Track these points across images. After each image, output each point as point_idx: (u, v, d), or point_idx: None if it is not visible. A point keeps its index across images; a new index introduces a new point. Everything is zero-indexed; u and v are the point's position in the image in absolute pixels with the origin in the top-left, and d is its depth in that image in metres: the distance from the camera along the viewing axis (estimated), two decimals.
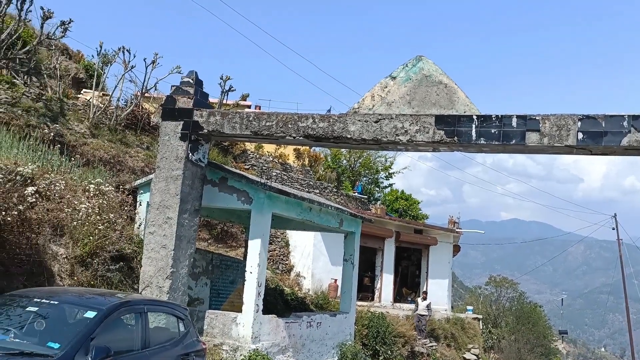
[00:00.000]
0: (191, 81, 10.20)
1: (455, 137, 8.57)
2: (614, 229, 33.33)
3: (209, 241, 16.96)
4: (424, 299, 19.38)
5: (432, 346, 19.07)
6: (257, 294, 10.38)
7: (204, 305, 13.03)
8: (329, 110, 27.51)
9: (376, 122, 9.11)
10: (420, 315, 18.97)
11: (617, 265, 33.73)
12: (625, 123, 7.82)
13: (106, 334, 5.38)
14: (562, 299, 54.42)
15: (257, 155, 22.77)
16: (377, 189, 38.24)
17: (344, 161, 37.13)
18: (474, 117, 8.55)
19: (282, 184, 18.37)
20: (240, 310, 10.40)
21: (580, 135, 8.01)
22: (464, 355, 20.82)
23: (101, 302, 5.76)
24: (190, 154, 9.86)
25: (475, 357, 20.77)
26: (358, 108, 9.40)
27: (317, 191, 23.37)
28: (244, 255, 12.91)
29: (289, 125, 9.52)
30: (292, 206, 11.56)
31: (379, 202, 31.96)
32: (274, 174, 21.87)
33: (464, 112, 8.70)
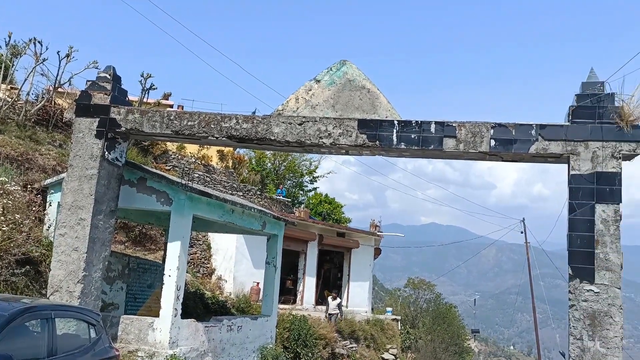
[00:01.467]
0: (108, 77, 9.79)
1: (377, 141, 8.72)
2: (522, 232, 35.14)
3: (126, 244, 16.36)
4: (334, 298, 19.72)
5: (352, 347, 19.32)
6: (175, 298, 10.10)
7: (119, 311, 12.53)
8: (254, 112, 27.30)
9: (300, 124, 9.12)
10: (330, 314, 19.31)
11: (525, 267, 35.59)
12: (533, 132, 8.26)
13: (8, 341, 5.04)
14: (474, 299, 56.82)
15: (179, 156, 22.23)
16: (301, 192, 38.38)
17: (269, 164, 37.00)
18: (395, 122, 8.74)
19: (205, 186, 18.02)
20: (157, 315, 10.08)
21: (493, 142, 8.37)
22: (383, 356, 21.23)
23: (3, 308, 5.39)
24: (107, 153, 9.46)
25: (393, 357, 21.23)
26: (282, 110, 9.38)
27: (241, 194, 23.12)
28: (163, 259, 12.54)
29: (212, 126, 9.35)
30: (214, 208, 11.36)
31: (302, 206, 32.06)
32: (197, 175, 21.41)
33: (386, 117, 8.88)
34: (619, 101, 8.03)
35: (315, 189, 38.85)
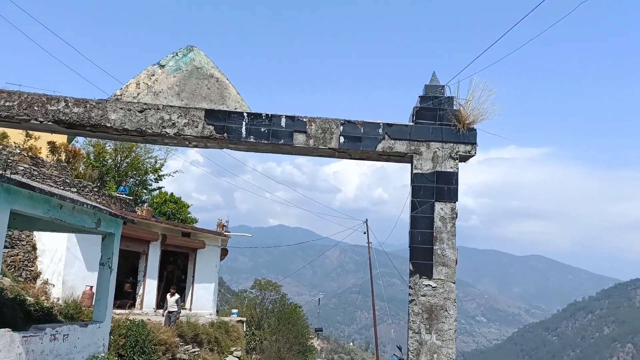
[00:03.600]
0: None
1: (225, 134, 8.28)
2: (365, 233, 36.72)
3: None
4: (173, 294, 18.87)
5: (194, 352, 18.56)
6: None
7: None
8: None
9: (141, 111, 8.37)
10: (169, 312, 18.48)
11: (366, 267, 37.25)
12: (380, 130, 8.39)
13: None
14: (319, 298, 58.44)
15: (0, 147, 19.74)
16: (145, 191, 36.47)
17: (109, 160, 34.64)
18: (245, 114, 8.37)
19: (32, 180, 16.11)
20: None
21: (342, 139, 8.36)
22: (226, 359, 20.72)
23: None
24: None
25: (237, 359, 20.81)
26: (121, 95, 8.54)
27: (75, 190, 21.14)
28: None
29: (35, 108, 8.22)
30: (37, 202, 10.06)
31: (146, 205, 30.39)
32: (21, 168, 19.15)
33: (235, 109, 8.47)
34: (457, 105, 8.45)
35: (160, 188, 37.15)
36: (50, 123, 8.29)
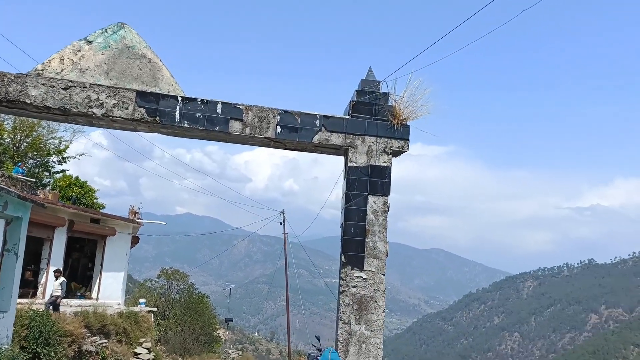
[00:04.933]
0: None
1: (158, 117, 7.96)
2: (281, 223, 36.70)
3: None
4: (57, 277, 17.99)
5: (102, 343, 17.77)
6: None
7: None
8: None
9: (65, 89, 7.85)
10: (53, 296, 17.61)
11: (274, 257, 37.39)
12: (317, 122, 8.40)
13: None
14: (230, 289, 57.91)
15: None
16: (47, 173, 34.38)
17: (8, 139, 32.35)
18: (179, 98, 8.09)
19: None
20: None
21: (279, 129, 8.30)
22: (135, 350, 20.03)
23: None
24: None
25: (146, 351, 20.17)
26: (42, 70, 7.97)
27: None
28: None
29: None
30: None
31: (49, 188, 28.60)
32: None
33: (168, 92, 8.16)
34: (392, 101, 8.65)
35: (64, 171, 35.13)
36: None
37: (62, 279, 18.05)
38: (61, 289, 17.72)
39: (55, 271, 18.42)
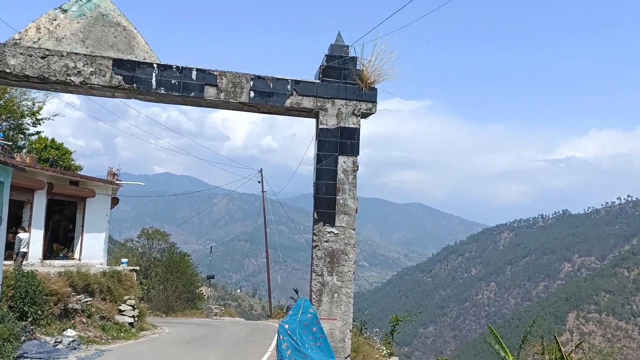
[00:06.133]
0: None
1: (135, 84, 8.26)
2: (259, 182, 37.19)
3: None
4: (23, 232, 18.37)
5: (87, 301, 18.30)
6: None
7: None
8: None
9: (43, 57, 8.09)
10: (21, 252, 17.95)
11: (255, 215, 37.99)
12: (289, 86, 8.79)
13: None
14: (211, 247, 58.68)
15: None
16: (22, 136, 34.08)
17: None
18: (155, 65, 8.38)
19: None
20: None
21: (252, 94, 8.67)
22: (119, 307, 20.63)
23: None
24: None
25: (130, 308, 20.79)
26: (20, 39, 8.17)
27: None
28: None
29: None
30: None
31: (24, 151, 28.51)
32: None
33: (144, 59, 8.44)
34: (360, 65, 9.04)
35: (39, 132, 34.82)
36: None
37: (27, 234, 18.37)
38: (27, 246, 18.12)
39: (19, 228, 18.77)
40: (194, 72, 8.47)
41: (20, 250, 17.93)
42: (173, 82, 8.38)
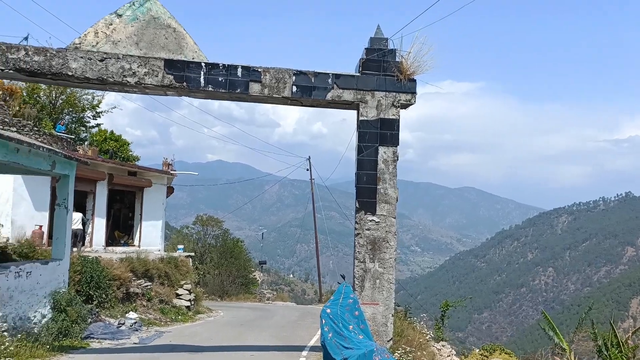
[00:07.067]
0: None
1: (185, 83, 8.79)
2: (308, 169, 37.71)
3: None
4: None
5: (147, 286, 19.31)
6: None
7: None
8: (26, 39, 24.32)
9: (101, 60, 8.72)
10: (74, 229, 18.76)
11: (305, 201, 38.57)
12: (329, 80, 9.13)
13: None
14: (262, 233, 59.89)
15: None
16: (84, 128, 35.72)
17: (44, 97, 33.54)
18: (203, 64, 8.88)
19: None
20: None
21: (295, 89, 9.06)
22: (177, 292, 21.63)
23: None
24: None
25: (187, 292, 21.77)
26: (80, 44, 8.82)
27: (15, 129, 20.74)
28: None
29: None
30: None
31: (86, 143, 29.99)
32: None
33: (193, 59, 8.95)
34: (399, 57, 9.27)
35: (99, 125, 36.42)
36: (11, 71, 8.54)
37: (79, 214, 19.39)
38: (82, 224, 19.10)
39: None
40: (239, 70, 8.93)
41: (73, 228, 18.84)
42: (220, 79, 8.87)
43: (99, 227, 21.29)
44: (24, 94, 31.06)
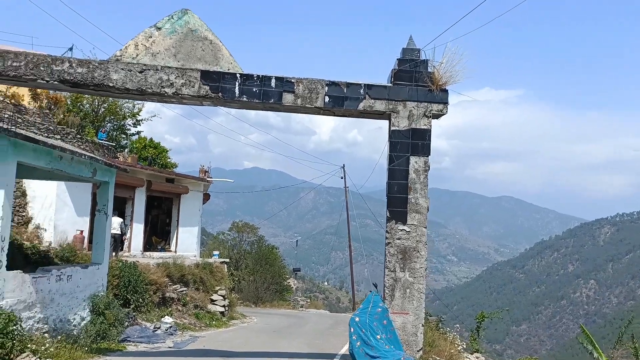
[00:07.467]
0: None
1: (220, 93, 9.02)
2: (342, 177, 37.83)
3: None
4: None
5: (182, 291, 19.69)
6: (0, 250, 9.57)
7: None
8: (71, 50, 25.16)
9: (141, 72, 9.02)
10: (112, 234, 18.94)
11: (340, 209, 38.60)
12: (361, 90, 9.22)
13: None
14: (297, 240, 60.22)
15: None
16: (124, 136, 36.66)
17: (87, 105, 34.59)
18: (238, 75, 9.10)
19: (17, 128, 16.51)
20: None
21: (327, 99, 9.19)
22: (212, 297, 21.96)
23: None
24: None
25: (222, 298, 22.08)
26: (121, 56, 9.15)
27: (59, 137, 21.51)
28: None
29: (42, 68, 8.81)
30: (40, 155, 10.71)
31: (126, 150, 30.78)
32: (6, 116, 19.42)
33: (228, 70, 9.18)
34: (431, 67, 9.30)
35: (139, 132, 37.33)
36: (56, 82, 8.92)
37: (120, 218, 19.75)
38: (120, 229, 19.49)
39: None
40: (273, 80, 9.11)
41: (112, 233, 19.22)
42: (254, 90, 9.06)
43: (137, 232, 21.83)
44: (68, 102, 32.09)
